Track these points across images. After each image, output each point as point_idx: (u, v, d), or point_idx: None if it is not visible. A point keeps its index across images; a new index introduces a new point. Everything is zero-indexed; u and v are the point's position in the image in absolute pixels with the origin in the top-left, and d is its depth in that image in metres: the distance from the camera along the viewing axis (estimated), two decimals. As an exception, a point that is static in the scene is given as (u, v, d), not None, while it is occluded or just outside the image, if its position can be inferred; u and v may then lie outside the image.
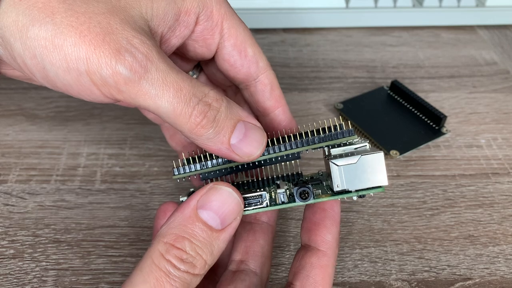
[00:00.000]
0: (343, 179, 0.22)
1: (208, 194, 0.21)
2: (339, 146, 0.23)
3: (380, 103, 0.42)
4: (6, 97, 0.41)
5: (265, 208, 0.22)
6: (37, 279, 0.29)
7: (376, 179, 0.22)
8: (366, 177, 0.22)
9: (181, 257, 0.20)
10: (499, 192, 0.36)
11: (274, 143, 0.23)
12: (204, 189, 0.22)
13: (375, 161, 0.21)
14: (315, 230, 0.25)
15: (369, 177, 0.22)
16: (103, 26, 0.20)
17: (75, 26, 0.19)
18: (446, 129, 0.40)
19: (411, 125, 0.40)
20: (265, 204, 0.22)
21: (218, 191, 0.21)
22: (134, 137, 0.38)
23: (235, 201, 0.22)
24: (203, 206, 0.21)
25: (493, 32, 0.54)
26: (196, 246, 0.20)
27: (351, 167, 0.22)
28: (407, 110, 0.41)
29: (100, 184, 0.35)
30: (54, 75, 0.20)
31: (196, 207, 0.21)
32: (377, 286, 0.29)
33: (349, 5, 0.51)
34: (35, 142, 0.38)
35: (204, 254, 0.21)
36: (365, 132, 0.39)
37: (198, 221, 0.21)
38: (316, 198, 0.22)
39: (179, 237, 0.20)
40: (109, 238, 0.31)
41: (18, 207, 0.33)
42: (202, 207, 0.21)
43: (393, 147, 0.38)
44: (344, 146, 0.23)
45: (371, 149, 0.22)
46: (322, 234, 0.24)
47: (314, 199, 0.22)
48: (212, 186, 0.22)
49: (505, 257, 0.31)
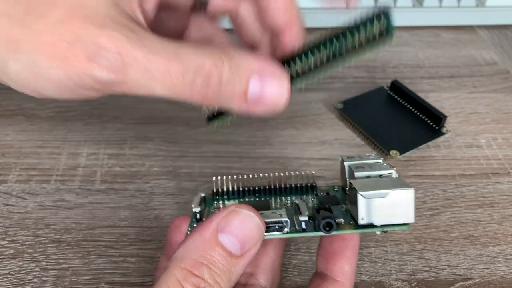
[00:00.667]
0: (369, 213, 0.20)
1: (229, 217, 0.20)
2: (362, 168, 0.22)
3: (380, 103, 0.42)
4: (6, 97, 0.41)
5: (286, 235, 0.21)
6: (37, 279, 0.29)
7: (403, 215, 0.20)
8: (393, 212, 0.20)
9: (199, 286, 0.19)
10: (499, 192, 0.36)
11: None
12: (224, 212, 0.20)
13: (405, 197, 0.20)
14: (333, 259, 0.24)
15: (396, 212, 0.20)
16: (66, 37, 0.19)
17: (40, 48, 0.19)
18: (446, 129, 0.40)
19: (411, 125, 0.40)
20: (286, 231, 0.21)
21: (239, 215, 0.20)
22: (134, 137, 0.38)
23: (257, 226, 0.20)
24: (223, 229, 0.20)
25: (493, 32, 0.54)
26: (214, 273, 0.19)
27: (379, 201, 0.20)
28: (407, 110, 0.41)
29: (100, 184, 0.35)
30: (48, 94, 0.21)
31: (216, 230, 0.20)
32: (377, 286, 0.29)
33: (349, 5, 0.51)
34: (35, 142, 0.38)
35: (222, 282, 0.19)
36: (365, 132, 0.39)
37: (217, 246, 0.19)
38: (339, 230, 0.21)
39: (198, 263, 0.19)
40: (109, 238, 0.31)
41: (18, 207, 0.33)
42: (222, 231, 0.20)
43: (393, 147, 0.38)
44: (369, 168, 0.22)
45: (399, 180, 0.21)
46: (340, 264, 0.23)
47: (337, 230, 0.21)
48: (233, 208, 0.20)
49: (505, 257, 0.31)
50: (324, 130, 0.40)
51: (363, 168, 0.22)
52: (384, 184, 0.20)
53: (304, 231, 0.21)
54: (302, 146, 0.39)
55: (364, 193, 0.20)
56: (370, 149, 0.38)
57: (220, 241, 0.20)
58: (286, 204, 0.24)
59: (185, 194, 0.34)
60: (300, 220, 0.21)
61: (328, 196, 0.24)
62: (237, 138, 0.39)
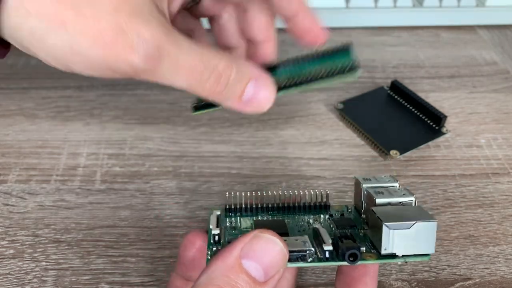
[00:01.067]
0: (393, 244, 0.20)
1: (252, 243, 0.20)
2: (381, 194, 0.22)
3: (380, 103, 0.42)
4: (6, 97, 0.41)
5: (309, 264, 0.21)
6: (37, 279, 0.29)
7: (425, 246, 0.20)
8: (415, 243, 0.20)
9: None
10: (499, 192, 0.36)
11: None
12: (247, 237, 0.20)
13: (428, 229, 0.20)
14: (353, 286, 0.24)
15: (418, 244, 0.20)
16: (112, 26, 0.21)
17: (86, 31, 0.21)
18: (446, 129, 0.40)
19: (411, 125, 0.40)
20: (310, 260, 0.21)
21: (263, 240, 0.20)
22: (134, 137, 0.38)
23: (281, 252, 0.20)
24: (247, 255, 0.19)
25: (493, 32, 0.54)
26: None
27: (403, 232, 0.20)
28: (407, 110, 0.41)
29: (100, 184, 0.35)
30: (78, 70, 0.22)
31: (239, 256, 0.19)
32: (377, 286, 0.29)
33: (349, 5, 0.51)
34: (35, 142, 0.38)
35: None
36: (365, 132, 0.39)
37: (241, 272, 0.19)
38: (363, 260, 0.21)
39: None
40: (109, 238, 0.31)
41: (18, 207, 0.33)
42: (245, 257, 0.19)
43: (393, 147, 0.38)
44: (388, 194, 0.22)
45: (421, 211, 0.21)
46: None
47: (361, 260, 0.21)
48: (256, 234, 0.20)
49: (505, 257, 0.31)
50: (324, 130, 0.40)
51: (383, 194, 0.22)
52: (408, 215, 0.21)
53: (328, 260, 0.21)
54: (302, 146, 0.39)
55: (389, 224, 0.20)
56: (370, 149, 0.38)
57: (245, 267, 0.19)
58: (302, 225, 0.24)
59: (185, 194, 0.34)
60: (325, 250, 0.21)
61: (344, 218, 0.24)
62: (237, 138, 0.39)
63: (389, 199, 0.22)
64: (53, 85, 0.43)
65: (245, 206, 0.25)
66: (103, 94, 0.42)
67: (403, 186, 0.24)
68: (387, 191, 0.23)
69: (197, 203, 0.34)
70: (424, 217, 0.20)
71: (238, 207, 0.25)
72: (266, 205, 0.25)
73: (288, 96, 0.43)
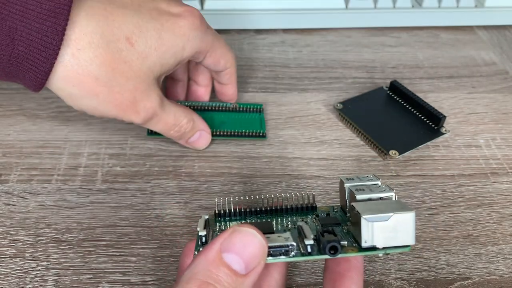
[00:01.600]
0: (372, 236, 0.21)
1: (231, 237, 0.21)
2: (362, 191, 0.23)
3: (379, 103, 0.42)
4: (7, 97, 0.41)
5: (291, 259, 0.22)
6: (38, 278, 0.29)
7: (405, 237, 0.21)
8: (394, 235, 0.21)
9: None
10: (498, 192, 0.36)
11: None
12: (227, 232, 0.21)
13: (406, 220, 0.21)
14: (339, 281, 0.24)
15: (397, 235, 0.21)
16: (130, 99, 0.30)
17: (111, 101, 0.30)
18: (445, 129, 0.40)
19: (410, 125, 0.40)
20: (292, 254, 0.22)
21: (241, 233, 0.21)
22: (135, 137, 0.39)
23: (259, 243, 0.21)
24: (227, 249, 0.20)
25: (492, 32, 0.54)
26: None
27: (381, 224, 0.21)
28: (406, 110, 0.42)
29: (101, 184, 0.35)
30: (91, 114, 0.32)
31: (220, 250, 0.20)
32: (377, 285, 0.30)
33: (349, 6, 0.52)
34: (36, 142, 0.38)
35: None
36: (364, 132, 0.39)
37: (222, 266, 0.20)
38: (344, 253, 0.22)
39: (204, 283, 0.19)
40: (110, 237, 0.31)
41: (19, 207, 0.33)
42: (225, 251, 0.20)
43: (393, 147, 0.38)
44: (369, 190, 0.23)
45: (400, 203, 0.22)
46: (347, 286, 0.24)
47: (342, 253, 0.21)
48: (235, 228, 0.21)
49: (504, 256, 0.31)
50: (323, 130, 0.40)
51: (364, 191, 0.23)
52: (386, 208, 0.21)
53: (310, 254, 0.21)
54: (302, 146, 0.39)
55: (367, 217, 0.21)
56: (369, 149, 0.39)
57: (225, 260, 0.20)
58: (288, 225, 0.25)
59: (186, 194, 0.35)
60: (306, 244, 0.21)
61: (329, 217, 0.25)
62: (237, 138, 0.39)
63: (369, 195, 0.23)
64: (54, 85, 0.43)
65: (234, 211, 0.26)
66: (103, 95, 0.42)
67: (384, 184, 0.24)
68: (368, 188, 0.23)
69: (197, 202, 0.34)
70: (402, 209, 0.21)
71: (228, 212, 0.26)
72: (255, 209, 0.26)
73: (288, 96, 0.43)
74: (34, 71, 0.28)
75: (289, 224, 0.25)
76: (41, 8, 0.26)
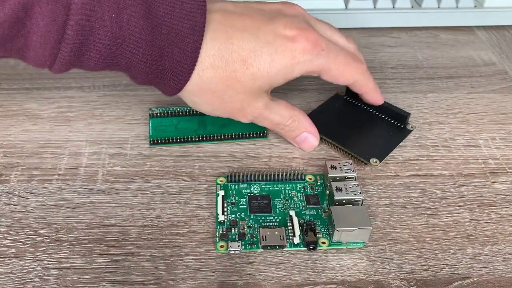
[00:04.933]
0: (340, 238, 0.31)
1: None
2: (340, 191, 0.33)
3: (341, 111, 0.41)
4: (8, 97, 0.42)
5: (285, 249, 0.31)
6: (39, 278, 0.29)
7: (361, 239, 0.31)
8: (355, 238, 0.31)
9: None
10: (497, 192, 0.36)
11: None
12: None
13: (365, 232, 0.31)
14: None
15: (357, 238, 0.31)
16: (238, 107, 0.34)
17: (223, 108, 0.35)
18: (411, 126, 0.40)
19: (378, 129, 0.40)
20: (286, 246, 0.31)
21: None
22: (135, 137, 0.39)
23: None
24: None
25: (491, 33, 0.54)
26: None
27: (348, 232, 0.31)
28: (369, 113, 0.41)
29: (102, 183, 0.35)
30: (215, 116, 0.36)
31: None
32: (376, 285, 0.30)
33: (348, 6, 0.52)
34: (37, 142, 0.38)
35: None
36: (339, 146, 0.38)
37: None
38: (320, 247, 0.32)
39: None
40: (111, 237, 0.32)
41: (20, 207, 0.33)
42: None
43: (372, 155, 0.37)
44: (345, 192, 0.33)
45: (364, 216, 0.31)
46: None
47: (318, 247, 0.32)
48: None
49: (503, 256, 0.32)
50: (323, 130, 0.40)
51: (341, 192, 0.33)
52: (354, 221, 0.31)
53: (297, 246, 0.31)
54: (302, 146, 0.39)
55: (339, 229, 0.30)
56: (369, 149, 0.39)
57: None
58: (285, 205, 0.34)
59: (186, 193, 0.35)
60: (295, 243, 0.31)
61: (312, 195, 0.34)
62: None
63: (344, 197, 0.32)
64: (55, 85, 0.43)
65: (243, 175, 0.35)
66: (104, 95, 0.43)
67: (358, 181, 0.34)
68: (345, 188, 0.33)
69: (197, 202, 0.34)
70: (364, 224, 0.31)
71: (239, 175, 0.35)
72: (258, 175, 0.35)
73: (289, 96, 0.43)
74: (175, 80, 0.32)
75: (284, 202, 0.34)
76: (183, 27, 0.31)
